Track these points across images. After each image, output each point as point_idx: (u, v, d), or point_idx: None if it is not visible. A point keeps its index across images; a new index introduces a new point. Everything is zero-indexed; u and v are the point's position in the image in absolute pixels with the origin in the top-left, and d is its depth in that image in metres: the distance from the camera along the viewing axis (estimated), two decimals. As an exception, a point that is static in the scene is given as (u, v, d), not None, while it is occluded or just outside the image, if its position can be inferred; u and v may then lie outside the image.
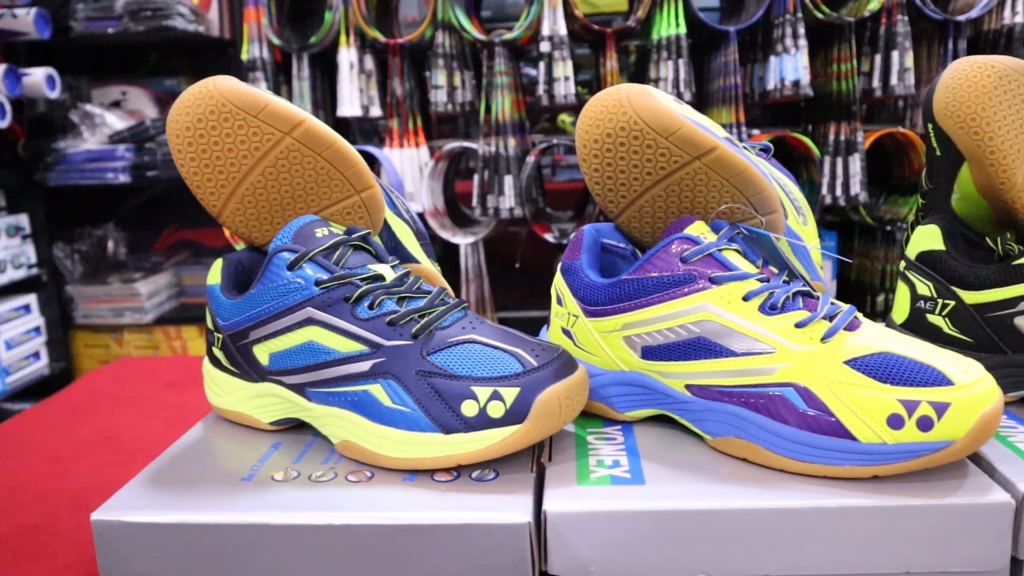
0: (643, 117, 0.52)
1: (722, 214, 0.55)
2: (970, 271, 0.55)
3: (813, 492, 0.45)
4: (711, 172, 0.53)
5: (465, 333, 0.51)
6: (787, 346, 0.48)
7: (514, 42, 1.64)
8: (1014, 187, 0.56)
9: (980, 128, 0.55)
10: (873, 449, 0.45)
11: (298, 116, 0.56)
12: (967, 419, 0.44)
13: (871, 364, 0.46)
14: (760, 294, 0.49)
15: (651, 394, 0.52)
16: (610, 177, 0.55)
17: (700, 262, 0.50)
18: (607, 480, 0.47)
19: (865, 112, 1.78)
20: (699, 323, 0.49)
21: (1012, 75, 0.56)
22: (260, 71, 1.61)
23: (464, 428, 0.48)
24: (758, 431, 0.48)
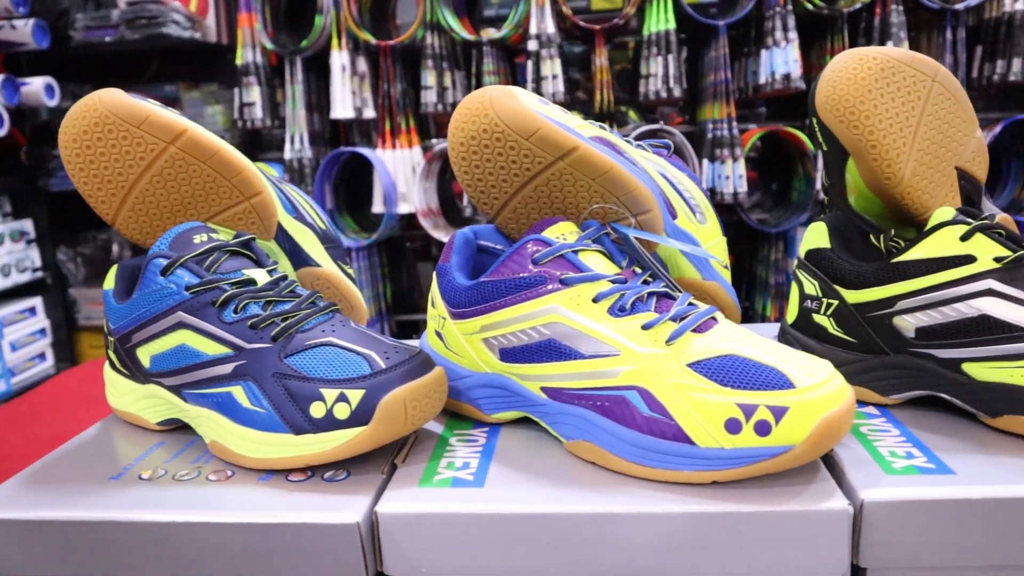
0: (504, 119, 0.52)
1: (595, 214, 0.55)
2: (851, 270, 0.54)
3: (649, 497, 0.44)
4: (576, 172, 0.53)
5: (324, 336, 0.52)
6: (632, 348, 0.47)
7: (503, 41, 1.64)
8: (901, 182, 0.55)
9: (860, 122, 0.53)
10: (711, 454, 0.44)
11: (180, 126, 0.57)
12: (806, 424, 0.42)
13: (713, 367, 0.45)
14: (610, 296, 0.48)
15: (512, 396, 0.52)
16: (480, 179, 0.55)
17: (552, 264, 0.50)
18: (448, 482, 0.47)
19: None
20: (549, 325, 0.49)
21: (896, 67, 0.54)
22: (253, 75, 1.64)
23: (313, 429, 0.49)
24: (603, 434, 0.47)
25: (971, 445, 0.48)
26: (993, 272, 0.49)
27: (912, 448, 0.48)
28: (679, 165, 0.63)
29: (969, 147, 0.58)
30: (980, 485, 0.43)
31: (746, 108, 1.79)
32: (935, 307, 0.50)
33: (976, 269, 0.49)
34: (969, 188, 0.59)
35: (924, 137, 0.55)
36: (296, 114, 1.67)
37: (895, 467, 0.46)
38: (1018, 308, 0.48)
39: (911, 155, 0.55)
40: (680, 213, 0.59)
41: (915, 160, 0.55)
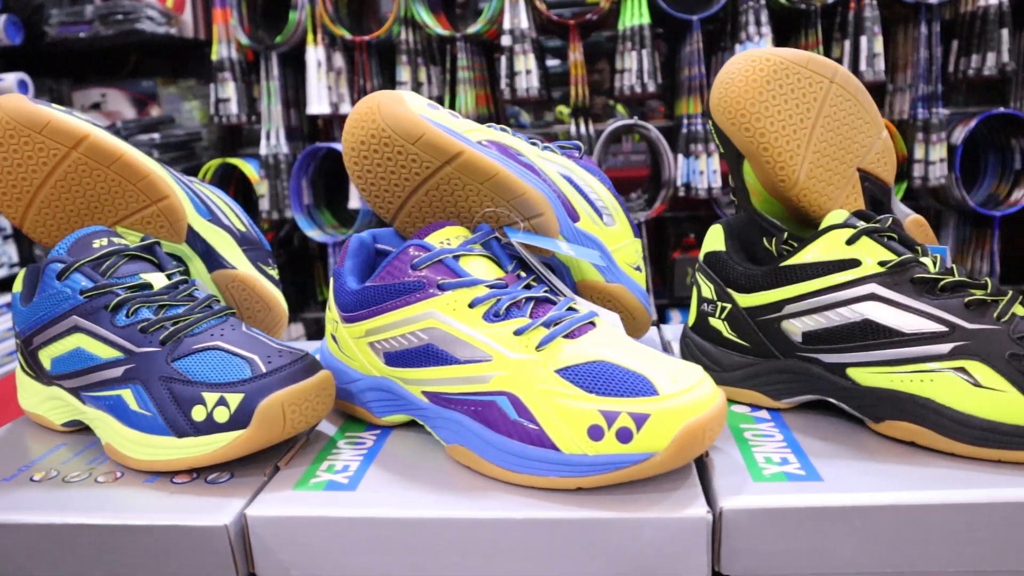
0: (390, 124, 0.52)
1: (487, 218, 0.55)
2: (743, 273, 0.54)
3: (515, 503, 0.44)
4: (463, 177, 0.53)
5: (212, 340, 0.52)
6: (503, 354, 0.47)
7: (479, 36, 1.63)
8: (796, 184, 0.54)
9: (751, 124, 0.53)
10: (575, 460, 0.44)
11: (81, 131, 0.57)
12: (667, 431, 0.42)
13: (580, 373, 0.45)
14: (486, 301, 0.48)
15: (398, 400, 0.52)
16: (374, 184, 0.55)
17: (430, 269, 0.50)
18: (323, 485, 0.47)
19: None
20: (427, 330, 0.49)
21: (790, 68, 0.54)
22: (228, 71, 1.65)
23: (194, 432, 0.49)
24: (476, 439, 0.47)
25: (851, 451, 0.48)
26: (876, 276, 0.49)
27: (789, 454, 0.48)
28: (589, 167, 0.63)
29: (873, 149, 0.58)
30: (845, 492, 0.43)
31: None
32: (820, 311, 0.50)
33: (860, 273, 0.49)
34: (875, 190, 0.59)
35: (821, 139, 0.55)
36: (272, 110, 1.67)
37: (765, 474, 0.45)
38: (900, 313, 0.48)
39: (806, 157, 0.54)
40: (583, 216, 0.59)
41: (811, 162, 0.54)
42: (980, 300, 0.47)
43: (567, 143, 0.64)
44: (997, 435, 0.45)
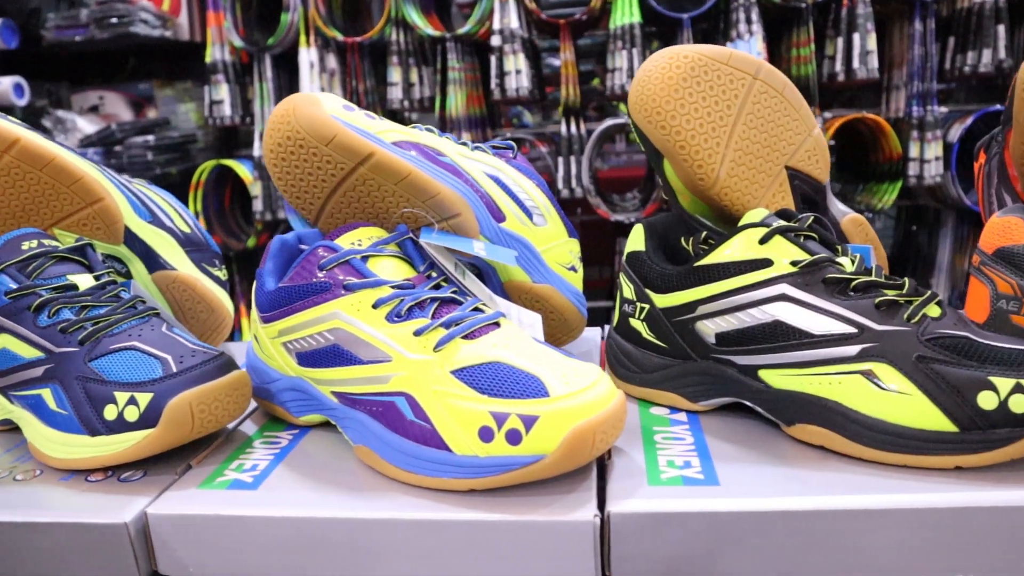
0: (303, 126, 0.52)
1: (406, 218, 0.55)
2: (660, 273, 0.53)
3: (410, 504, 0.44)
4: (377, 178, 0.53)
5: (130, 340, 0.52)
6: (403, 354, 0.47)
7: (470, 36, 1.63)
8: (716, 182, 0.53)
9: (667, 123, 0.52)
10: (467, 462, 0.44)
11: (12, 135, 0.58)
12: (556, 433, 0.42)
13: (475, 374, 0.45)
14: (389, 302, 0.48)
15: (312, 399, 0.52)
16: (293, 185, 0.55)
17: (337, 270, 0.50)
18: (227, 484, 0.48)
19: (848, 97, 1.70)
20: (333, 330, 0.49)
21: (709, 65, 0.53)
22: (222, 73, 1.66)
23: (106, 431, 0.49)
24: (377, 440, 0.47)
25: (760, 455, 0.47)
26: (788, 276, 0.48)
27: (694, 458, 0.47)
28: (522, 167, 0.62)
29: (803, 146, 0.57)
30: (737, 498, 0.42)
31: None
32: (732, 312, 0.49)
33: (771, 273, 0.48)
34: (806, 188, 0.58)
35: (743, 136, 0.54)
36: (266, 111, 1.68)
37: (663, 477, 0.45)
38: (810, 314, 0.47)
39: (726, 155, 0.53)
40: (509, 216, 0.59)
41: (731, 160, 0.54)
42: (891, 301, 0.46)
43: (500, 143, 0.63)
44: (902, 439, 0.44)
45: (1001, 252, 0.53)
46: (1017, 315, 0.53)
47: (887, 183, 1.58)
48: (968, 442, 0.43)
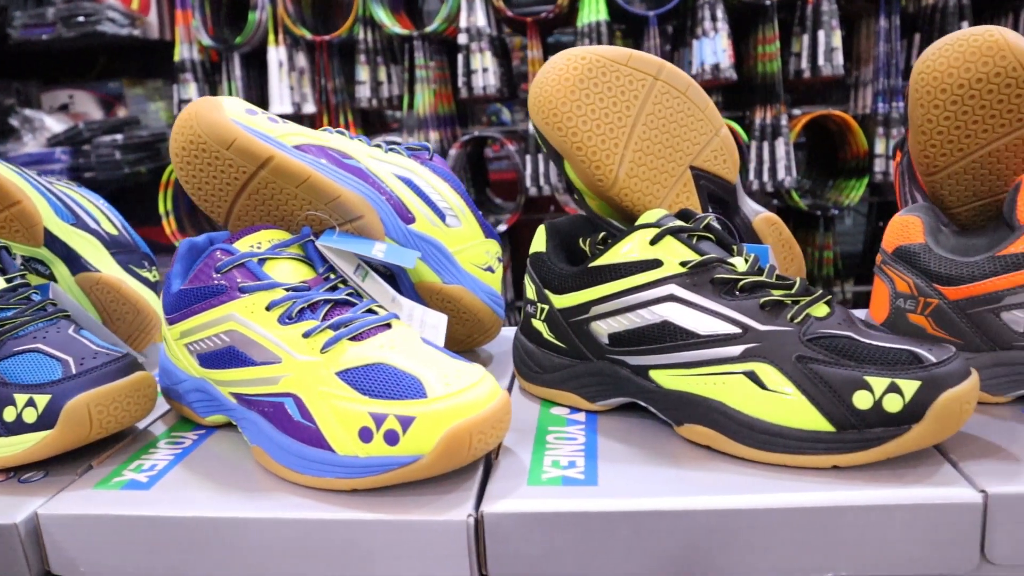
0: (204, 130, 0.52)
1: (311, 220, 0.55)
2: (557, 274, 0.53)
3: (293, 503, 0.45)
4: (278, 181, 0.53)
5: (34, 342, 0.53)
6: (292, 356, 0.47)
7: (438, 35, 1.63)
8: (615, 183, 0.54)
9: (563, 124, 0.52)
10: (348, 462, 0.44)
11: None
12: (432, 434, 0.42)
13: (359, 375, 0.45)
14: (282, 304, 0.49)
15: (214, 400, 0.53)
16: (200, 188, 0.55)
17: (233, 272, 0.50)
18: (122, 484, 0.48)
19: (818, 93, 1.70)
20: (229, 332, 0.49)
21: (607, 66, 0.53)
22: (190, 72, 1.66)
23: (5, 432, 0.50)
24: (267, 440, 0.48)
25: (648, 456, 0.47)
26: (676, 277, 0.48)
27: (580, 458, 0.47)
28: (437, 168, 0.63)
29: (708, 146, 0.57)
30: (610, 498, 0.42)
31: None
32: (623, 312, 0.49)
33: (661, 274, 0.48)
34: (714, 188, 0.58)
35: (643, 137, 0.54)
36: (233, 111, 1.68)
37: (543, 478, 0.45)
38: (697, 314, 0.47)
39: (625, 155, 0.54)
40: (419, 217, 0.59)
41: (631, 160, 0.54)
42: (776, 301, 0.47)
43: (416, 144, 0.64)
44: (782, 439, 0.44)
45: (899, 251, 0.53)
46: (914, 313, 0.53)
47: (854, 180, 1.59)
48: (844, 441, 0.43)
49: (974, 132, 0.52)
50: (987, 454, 0.45)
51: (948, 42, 0.50)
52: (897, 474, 0.43)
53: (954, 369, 0.43)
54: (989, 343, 0.51)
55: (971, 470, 0.43)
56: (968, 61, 0.50)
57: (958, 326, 0.51)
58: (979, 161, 0.53)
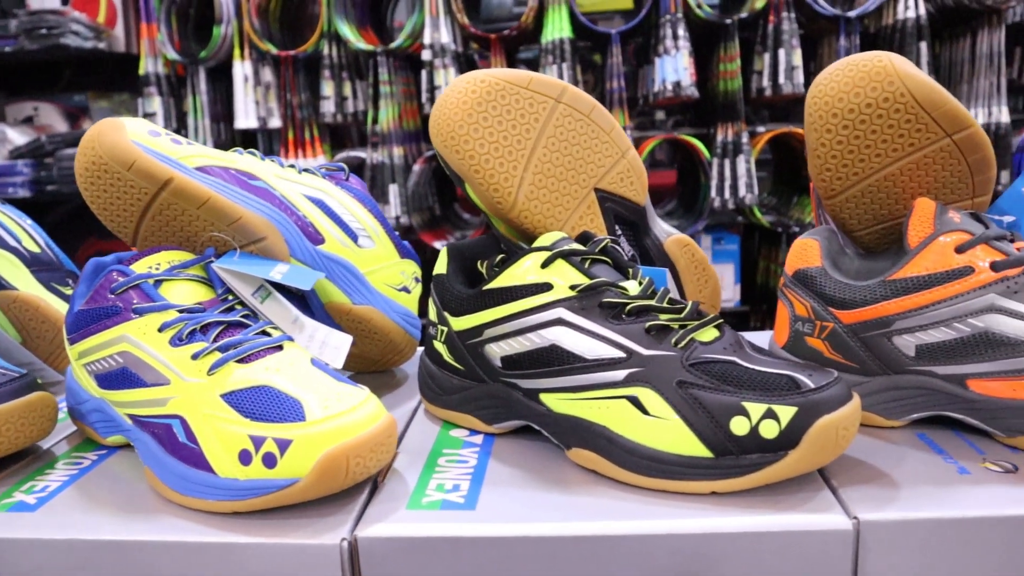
0: (105, 152, 0.52)
1: (215, 242, 0.55)
2: (454, 296, 0.53)
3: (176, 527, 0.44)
4: (179, 203, 0.53)
5: (-72, 361, 0.52)
6: (180, 378, 0.47)
7: (403, 51, 1.64)
8: (515, 206, 0.54)
9: (461, 147, 0.53)
10: (229, 484, 0.44)
11: None
12: (309, 457, 0.42)
13: (242, 397, 0.45)
14: (174, 325, 0.49)
15: (113, 420, 0.53)
16: (105, 208, 0.55)
17: (128, 293, 0.50)
18: (9, 506, 0.48)
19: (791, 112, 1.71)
20: (122, 353, 0.49)
21: (506, 89, 0.54)
22: (154, 86, 1.67)
23: None
24: (155, 461, 0.48)
25: (534, 480, 0.47)
26: (565, 301, 0.48)
27: (466, 482, 0.47)
28: (352, 189, 0.63)
29: (614, 168, 0.57)
30: (482, 523, 0.42)
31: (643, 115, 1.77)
32: (515, 336, 0.50)
33: (550, 297, 0.49)
34: (622, 210, 0.58)
35: (544, 159, 0.54)
36: (199, 125, 1.69)
37: (424, 502, 0.45)
38: (584, 338, 0.47)
39: (525, 178, 0.54)
40: (329, 238, 0.59)
41: (530, 183, 0.54)
42: (662, 325, 0.47)
43: (332, 165, 0.64)
44: (662, 464, 0.44)
45: (798, 274, 0.54)
46: (811, 337, 0.53)
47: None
48: (722, 467, 0.43)
49: (867, 156, 0.52)
50: (870, 480, 0.46)
51: (839, 67, 0.51)
52: (774, 500, 0.43)
53: (832, 395, 0.43)
54: (883, 367, 0.51)
55: (849, 496, 0.43)
56: (857, 86, 0.50)
57: (853, 350, 0.51)
58: (876, 185, 0.53)
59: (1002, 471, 0.46)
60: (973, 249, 0.48)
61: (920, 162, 0.52)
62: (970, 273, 0.48)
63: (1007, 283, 0.47)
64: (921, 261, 0.49)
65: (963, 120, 0.50)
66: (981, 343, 0.48)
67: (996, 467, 0.46)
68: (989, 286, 0.47)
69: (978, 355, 0.48)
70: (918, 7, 1.48)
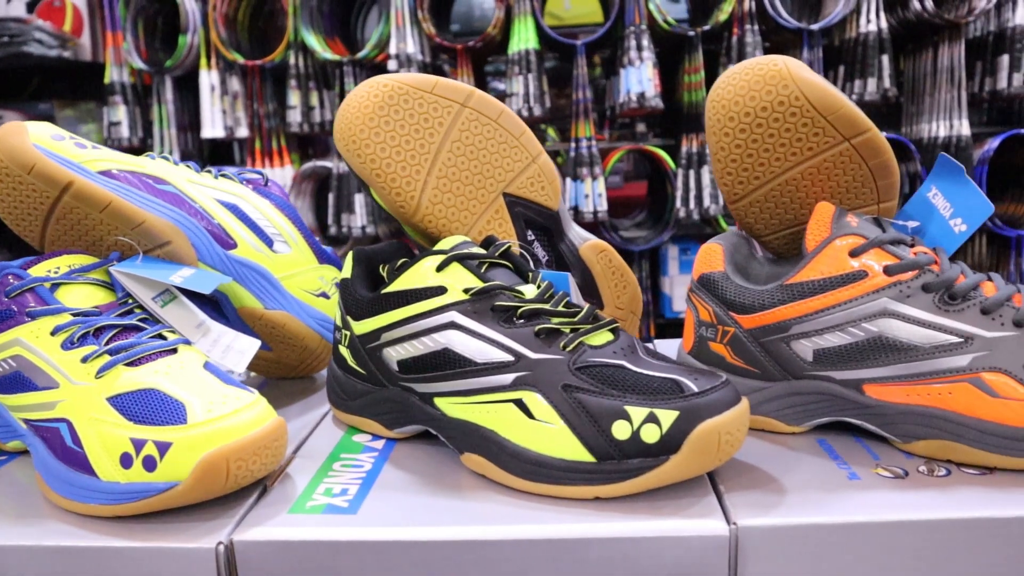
0: (5, 155, 0.52)
1: (120, 246, 0.55)
2: (355, 300, 0.53)
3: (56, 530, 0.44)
4: (81, 207, 0.53)
5: None
6: (69, 381, 0.47)
7: (370, 61, 1.64)
8: (419, 210, 0.54)
9: (362, 151, 0.53)
10: (110, 488, 0.44)
11: None
12: (188, 460, 0.42)
13: (127, 401, 0.45)
14: (66, 329, 0.48)
15: (8, 425, 0.52)
16: (9, 212, 0.55)
17: (24, 296, 0.50)
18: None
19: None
20: (15, 357, 0.49)
21: (409, 93, 0.54)
22: (119, 94, 1.67)
23: None
24: (43, 466, 0.47)
25: (426, 485, 0.47)
26: (458, 304, 0.48)
27: (356, 486, 0.47)
28: (270, 195, 0.63)
29: (524, 173, 0.57)
30: (361, 527, 0.42)
31: (624, 127, 1.78)
32: (410, 340, 0.49)
33: (444, 301, 0.48)
34: (533, 215, 0.58)
35: (448, 164, 0.54)
36: (165, 134, 1.69)
37: (308, 506, 0.44)
38: (475, 342, 0.47)
39: (429, 182, 0.54)
40: (242, 243, 0.59)
41: (434, 187, 0.54)
42: (551, 329, 0.46)
43: (251, 171, 0.64)
44: (546, 469, 0.44)
45: (702, 279, 0.54)
46: (714, 342, 0.53)
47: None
48: (604, 472, 0.43)
49: (767, 160, 0.52)
50: (758, 485, 0.45)
51: (736, 71, 0.51)
52: (656, 505, 0.43)
53: (716, 399, 0.43)
54: (783, 373, 0.51)
55: (734, 501, 0.43)
56: (753, 90, 0.50)
57: (753, 355, 0.51)
58: (778, 189, 0.53)
59: (892, 476, 0.46)
60: (867, 253, 0.48)
61: (821, 166, 0.52)
62: (864, 277, 0.48)
63: (900, 287, 0.47)
64: (817, 265, 0.49)
65: (860, 124, 0.50)
66: (875, 348, 0.47)
67: (887, 473, 0.46)
68: (882, 290, 0.47)
69: (872, 360, 0.48)
70: (880, 21, 1.48)
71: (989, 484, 0.44)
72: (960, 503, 0.42)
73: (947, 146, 1.49)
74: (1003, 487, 0.44)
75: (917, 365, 0.47)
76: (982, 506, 0.42)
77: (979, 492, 0.43)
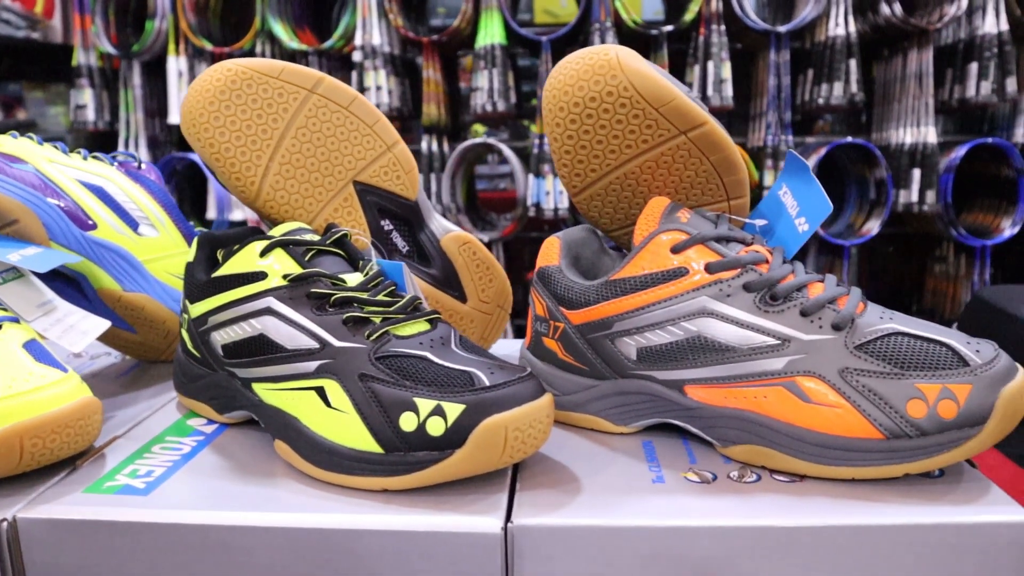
0: None
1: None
2: (192, 283, 0.53)
3: None
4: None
5: None
6: None
7: (338, 52, 1.64)
8: (260, 195, 0.54)
9: (202, 135, 0.52)
10: None
11: None
12: None
13: None
14: None
15: None
16: None
17: None
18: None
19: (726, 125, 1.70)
20: None
21: (254, 78, 0.53)
22: (86, 77, 1.68)
23: None
24: None
25: (238, 472, 0.46)
26: (276, 290, 0.48)
27: (163, 469, 0.47)
28: (140, 178, 0.63)
29: (377, 162, 0.57)
30: (142, 509, 0.42)
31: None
32: (231, 324, 0.49)
33: (263, 287, 0.48)
34: (387, 204, 0.58)
35: (292, 150, 0.54)
36: (131, 118, 1.70)
37: (105, 486, 0.44)
38: (288, 328, 0.47)
39: (271, 167, 0.54)
40: (102, 224, 0.59)
41: (276, 173, 0.54)
42: (360, 318, 0.46)
43: (125, 153, 0.64)
44: (337, 458, 0.44)
45: (540, 272, 0.53)
46: (547, 337, 0.52)
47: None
48: (391, 464, 0.43)
49: (601, 152, 0.51)
50: (558, 485, 0.44)
51: (568, 60, 0.50)
52: (441, 500, 0.42)
53: (508, 394, 0.42)
54: (610, 371, 0.50)
55: (525, 500, 0.42)
56: (582, 80, 0.49)
57: (582, 352, 0.51)
58: (618, 183, 0.53)
59: (699, 481, 0.45)
60: (688, 249, 0.47)
61: (659, 160, 0.51)
62: (684, 274, 0.47)
63: (720, 286, 0.46)
64: (640, 260, 0.48)
65: (694, 117, 0.49)
66: (695, 348, 0.47)
67: (696, 477, 0.45)
68: (702, 288, 0.46)
69: (692, 360, 0.47)
70: (848, 25, 1.46)
71: (793, 492, 0.43)
72: (752, 510, 0.41)
73: (913, 152, 1.47)
74: (806, 495, 0.43)
75: (734, 367, 0.46)
76: (772, 514, 0.40)
77: (776, 499, 0.42)
